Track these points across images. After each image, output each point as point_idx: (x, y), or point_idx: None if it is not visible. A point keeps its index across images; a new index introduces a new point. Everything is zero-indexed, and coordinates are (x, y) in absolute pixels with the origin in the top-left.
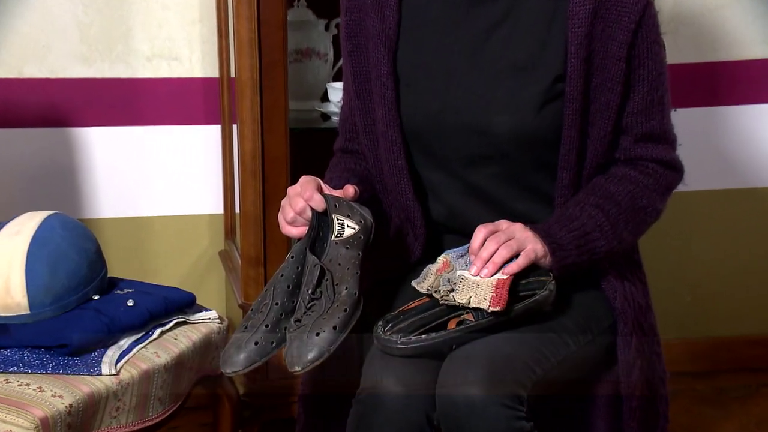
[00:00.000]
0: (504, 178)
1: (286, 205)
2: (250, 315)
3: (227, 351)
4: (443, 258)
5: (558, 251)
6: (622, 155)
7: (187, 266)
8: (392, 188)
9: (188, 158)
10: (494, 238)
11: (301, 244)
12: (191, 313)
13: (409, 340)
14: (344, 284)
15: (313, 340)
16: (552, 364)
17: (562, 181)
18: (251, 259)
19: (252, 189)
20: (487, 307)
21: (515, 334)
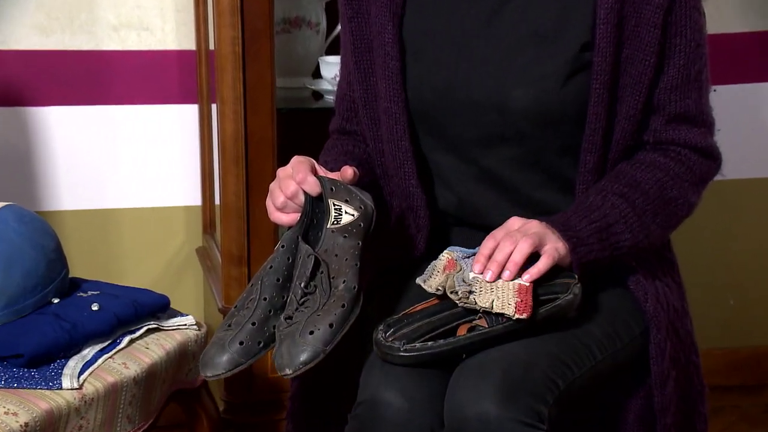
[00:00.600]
0: (522, 162)
1: (276, 188)
2: (233, 312)
3: (208, 352)
4: (447, 255)
5: (578, 247)
6: (652, 137)
7: (159, 265)
8: (394, 173)
9: (161, 142)
10: (508, 237)
11: (292, 233)
12: (165, 318)
13: (413, 347)
14: (341, 277)
15: (307, 339)
16: (576, 376)
17: (585, 165)
18: (233, 257)
19: (234, 177)
20: (512, 313)
21: (534, 342)
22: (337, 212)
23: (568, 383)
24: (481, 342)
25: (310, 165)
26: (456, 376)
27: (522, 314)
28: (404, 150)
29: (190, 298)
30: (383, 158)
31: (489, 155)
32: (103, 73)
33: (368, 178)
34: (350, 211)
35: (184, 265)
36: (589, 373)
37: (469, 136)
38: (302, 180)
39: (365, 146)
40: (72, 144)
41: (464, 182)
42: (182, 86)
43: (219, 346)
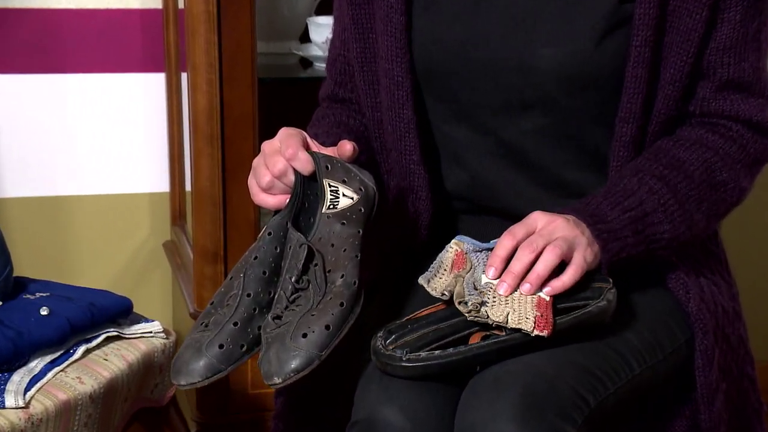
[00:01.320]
0: (548, 134)
1: (261, 165)
2: (210, 310)
3: (181, 356)
4: (455, 246)
5: (610, 242)
6: (699, 108)
7: (120, 262)
8: (393, 146)
9: (122, 118)
10: (528, 243)
11: (280, 218)
12: (127, 324)
13: (418, 356)
14: (339, 271)
15: (299, 343)
16: (609, 392)
17: (620, 138)
18: (207, 252)
19: (208, 159)
20: (530, 329)
21: (560, 352)
22: (334, 195)
23: (599, 400)
24: (498, 352)
25: (301, 139)
26: (468, 392)
27: (542, 331)
28: (406, 119)
29: (157, 300)
30: (381, 130)
31: (509, 126)
32: (55, 36)
33: (365, 155)
34: (349, 193)
35: (150, 262)
36: (625, 388)
37: (486, 103)
38: (292, 156)
39: (361, 116)
40: (16, 119)
41: (478, 158)
42: (146, 51)
43: (194, 349)
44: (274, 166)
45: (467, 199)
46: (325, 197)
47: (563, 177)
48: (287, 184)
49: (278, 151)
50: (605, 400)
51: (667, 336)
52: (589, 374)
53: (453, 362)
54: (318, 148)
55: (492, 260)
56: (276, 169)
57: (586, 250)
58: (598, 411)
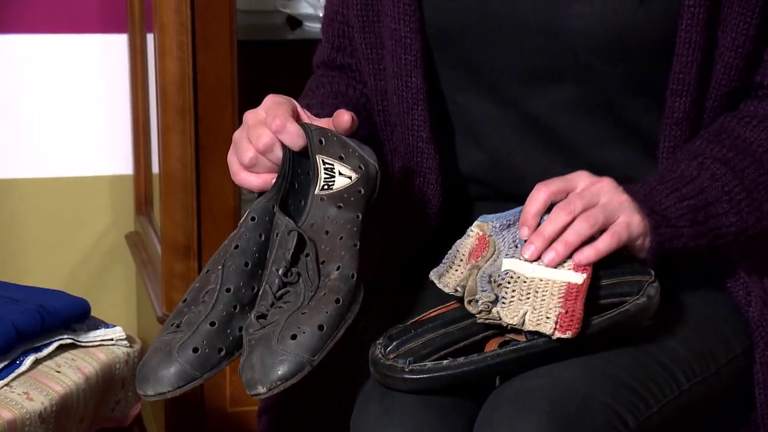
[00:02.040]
0: (583, 107)
1: (243, 139)
2: (183, 308)
3: (148, 362)
4: (477, 229)
5: (663, 227)
6: (766, 79)
7: (75, 258)
8: (399, 120)
9: (77, 86)
10: (566, 204)
11: (266, 200)
12: (83, 330)
13: (423, 367)
14: (334, 262)
15: (287, 345)
16: (652, 410)
17: (672, 115)
18: (177, 246)
19: (178, 136)
20: (551, 331)
21: (594, 363)
22: (329, 173)
23: (641, 421)
24: (518, 361)
25: (290, 108)
26: (485, 411)
27: (565, 332)
28: (414, 89)
29: (118, 302)
30: (386, 102)
31: (536, 97)
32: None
33: (366, 130)
34: (346, 171)
35: (110, 257)
36: (671, 406)
37: (508, 71)
38: (280, 128)
39: (361, 86)
40: None
41: (499, 135)
42: (105, 8)
43: (164, 353)
44: (259, 140)
45: (485, 183)
46: (318, 176)
47: (599, 158)
48: (274, 161)
49: (263, 123)
50: (647, 421)
51: (721, 345)
52: (628, 389)
53: (465, 374)
54: (310, 119)
55: (524, 217)
56: (261, 143)
57: (632, 217)
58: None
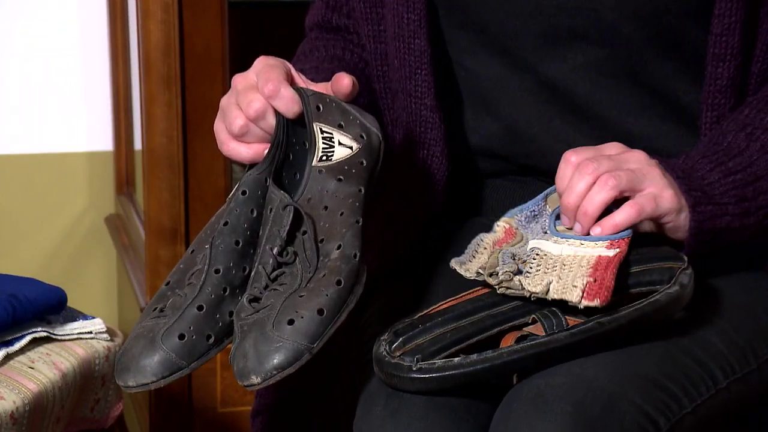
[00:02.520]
0: (606, 73)
1: (232, 105)
2: (166, 292)
3: (129, 350)
4: (504, 223)
5: (703, 204)
6: None
7: (51, 243)
8: (400, 87)
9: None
10: (589, 162)
11: (258, 173)
12: (59, 322)
13: (432, 365)
14: (335, 240)
15: (283, 332)
16: (686, 411)
17: (715, 82)
18: (163, 229)
19: (163, 108)
20: (577, 298)
21: (621, 359)
22: (327, 143)
23: (673, 422)
24: (537, 357)
25: (284, 71)
26: (501, 412)
27: (593, 299)
28: (418, 52)
29: (97, 291)
30: (386, 67)
31: (555, 60)
32: None
33: (365, 97)
34: (346, 141)
35: (88, 242)
36: (707, 406)
37: (524, 31)
38: (273, 93)
39: (359, 49)
40: None
41: (515, 103)
42: None
43: (147, 340)
44: (249, 106)
45: (498, 156)
46: (315, 146)
47: (627, 128)
48: (266, 130)
49: (255, 87)
50: (680, 422)
51: (762, 337)
52: (660, 388)
53: (478, 372)
54: (306, 84)
55: (557, 181)
56: (252, 109)
57: (663, 191)
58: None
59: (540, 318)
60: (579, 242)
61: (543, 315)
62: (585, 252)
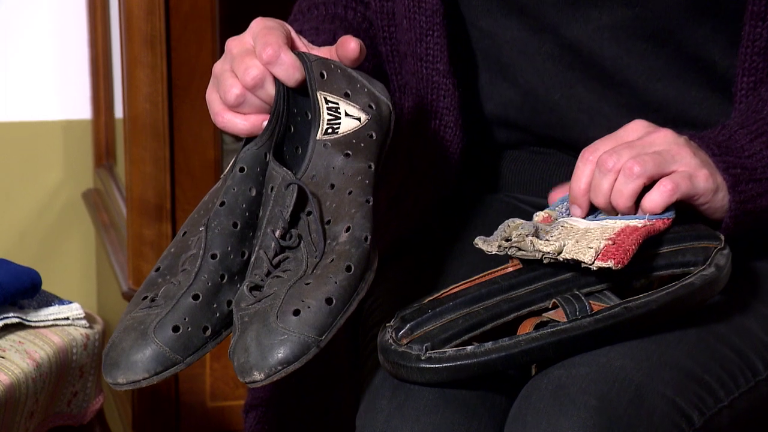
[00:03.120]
0: (634, 34)
1: (226, 73)
2: (156, 279)
3: (118, 344)
4: (544, 213)
5: (744, 182)
6: None
7: (22, 220)
8: (410, 51)
9: (20, 11)
10: (608, 156)
11: (256, 148)
12: (32, 307)
13: (442, 354)
14: (343, 221)
15: (289, 323)
16: (723, 404)
17: (753, 43)
18: (147, 206)
19: (147, 71)
20: (591, 259)
21: (650, 348)
22: (333, 114)
23: (708, 416)
24: (558, 346)
25: (284, 34)
26: (519, 406)
27: (606, 261)
28: (429, 10)
29: (75, 273)
30: (393, 27)
31: (578, 21)
32: None
33: (369, 62)
34: (354, 112)
35: (64, 219)
36: (746, 400)
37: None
38: (272, 58)
39: (363, 7)
40: None
41: (535, 67)
42: None
43: (138, 333)
44: (246, 73)
45: (516, 125)
46: (320, 118)
47: (657, 96)
48: (264, 99)
49: (251, 52)
50: (716, 417)
51: None
52: (693, 380)
53: (493, 362)
54: (308, 48)
55: (573, 195)
56: (249, 77)
57: (697, 171)
58: (705, 430)
59: (561, 302)
60: (614, 221)
61: (565, 299)
62: (614, 225)
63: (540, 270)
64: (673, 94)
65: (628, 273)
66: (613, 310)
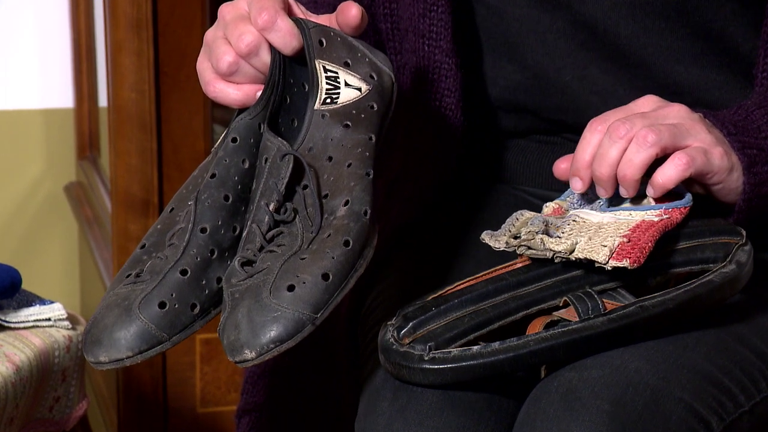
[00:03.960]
0: (652, 12)
1: (219, 39)
2: (141, 255)
3: (100, 320)
4: (555, 204)
5: (760, 164)
6: None
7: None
8: (411, 26)
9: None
10: (621, 123)
11: (250, 118)
12: (12, 308)
13: (447, 354)
14: (342, 195)
15: (282, 299)
16: (744, 410)
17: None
18: (133, 200)
19: (133, 57)
20: (605, 258)
21: (666, 350)
22: (332, 83)
23: (728, 422)
24: (569, 346)
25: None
26: (528, 410)
27: (621, 260)
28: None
29: (57, 272)
30: (395, 3)
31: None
32: None
33: (369, 39)
34: (354, 81)
35: (45, 214)
36: (767, 405)
37: None
38: (268, 24)
39: None
40: None
41: (545, 47)
42: None
43: (121, 309)
44: (240, 40)
45: (524, 109)
46: (318, 87)
47: (676, 78)
48: (259, 68)
49: (246, 18)
50: (736, 422)
51: None
52: (712, 383)
53: (501, 363)
54: (306, 15)
55: (575, 166)
56: (243, 43)
57: (712, 147)
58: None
59: (573, 300)
60: (628, 213)
61: (576, 297)
62: (629, 219)
63: (550, 266)
64: (693, 77)
65: (643, 270)
66: (628, 309)
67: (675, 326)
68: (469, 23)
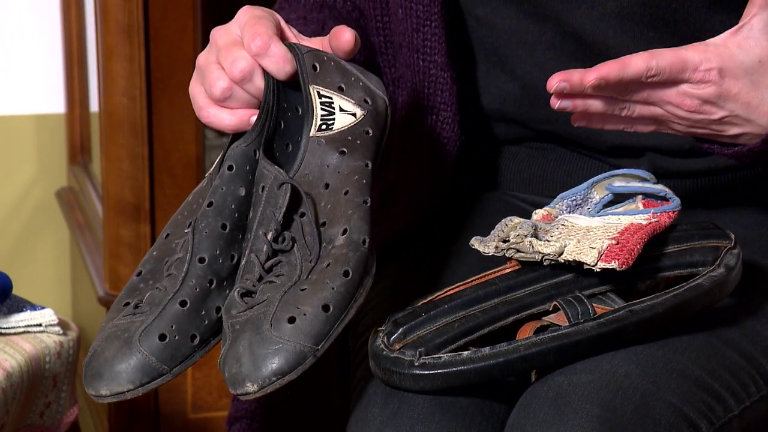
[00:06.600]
0: (641, 23)
1: (212, 65)
2: (138, 284)
3: (100, 353)
4: (544, 211)
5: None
6: None
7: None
8: (405, 41)
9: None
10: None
11: (245, 145)
12: (3, 313)
13: (437, 360)
14: (339, 224)
15: (283, 331)
16: (733, 414)
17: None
18: (125, 206)
19: (125, 63)
20: (593, 260)
21: (656, 354)
22: (326, 109)
23: (718, 426)
24: (559, 351)
25: (273, 24)
26: (518, 414)
27: (610, 262)
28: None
29: (48, 277)
30: (387, 17)
31: (582, 6)
32: None
33: (360, 54)
34: (349, 107)
35: (36, 219)
36: (757, 409)
37: None
38: (262, 49)
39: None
40: None
41: (534, 57)
42: None
43: (121, 342)
44: (234, 66)
45: (514, 120)
46: (313, 113)
47: None
48: (253, 93)
49: (239, 43)
50: (726, 427)
51: None
52: (702, 388)
53: (491, 368)
54: (298, 39)
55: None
56: (236, 69)
57: (750, 93)
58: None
59: (563, 305)
60: (617, 217)
61: (566, 302)
62: (617, 222)
63: (540, 271)
64: None
65: (632, 274)
66: (617, 313)
67: (664, 330)
68: (461, 35)
